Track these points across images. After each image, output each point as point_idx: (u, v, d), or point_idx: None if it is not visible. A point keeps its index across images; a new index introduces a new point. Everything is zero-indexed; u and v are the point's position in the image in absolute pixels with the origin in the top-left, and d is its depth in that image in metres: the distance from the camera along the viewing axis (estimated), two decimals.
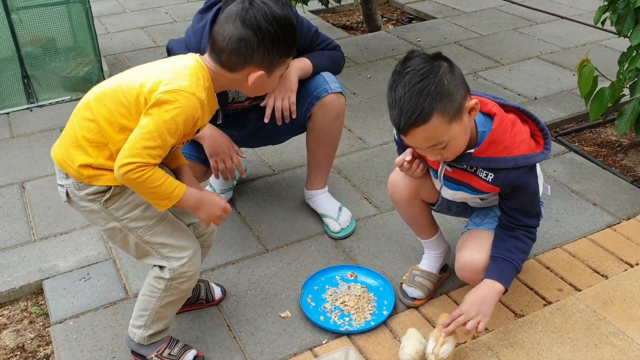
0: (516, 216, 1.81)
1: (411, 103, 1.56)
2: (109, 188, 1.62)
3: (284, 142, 2.57)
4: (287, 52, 1.64)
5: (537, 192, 1.82)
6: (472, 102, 1.63)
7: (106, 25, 4.72)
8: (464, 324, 1.72)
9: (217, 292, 2.09)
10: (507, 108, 1.80)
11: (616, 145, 3.03)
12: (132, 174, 1.49)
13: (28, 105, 3.46)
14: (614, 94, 2.60)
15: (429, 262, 2.12)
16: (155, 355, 1.82)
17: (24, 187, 2.76)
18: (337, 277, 2.18)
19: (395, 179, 1.99)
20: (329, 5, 4.42)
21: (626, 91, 2.64)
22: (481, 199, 1.91)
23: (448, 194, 1.91)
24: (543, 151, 1.76)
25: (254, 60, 1.58)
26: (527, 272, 2.18)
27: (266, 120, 2.16)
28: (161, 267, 1.71)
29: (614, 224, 2.42)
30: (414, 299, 2.06)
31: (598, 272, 2.18)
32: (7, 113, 3.42)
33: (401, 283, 2.11)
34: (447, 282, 2.16)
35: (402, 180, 1.96)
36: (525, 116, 1.81)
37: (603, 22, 2.65)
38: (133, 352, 1.87)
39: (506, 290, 1.79)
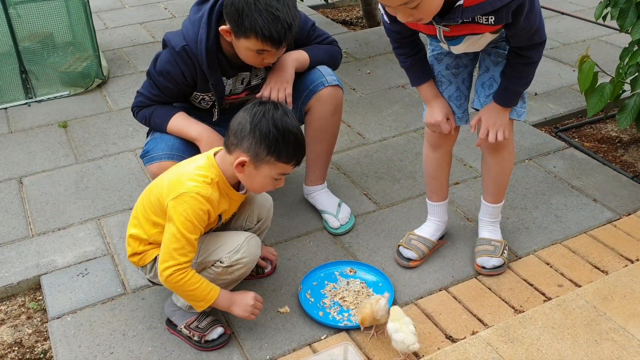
0: (521, 39, 1.76)
1: None
2: (155, 259, 1.86)
3: None
4: (276, 153, 1.74)
5: (538, 10, 1.73)
6: None
7: (105, 21, 4.70)
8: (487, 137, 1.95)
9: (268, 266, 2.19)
10: None
11: (616, 141, 3.02)
12: (172, 278, 1.73)
13: (26, 101, 3.45)
14: (614, 89, 2.59)
15: (428, 230, 2.23)
16: (184, 327, 1.92)
17: (21, 183, 2.75)
18: (336, 272, 2.17)
19: (427, 151, 2.18)
20: (329, 1, 4.40)
21: (627, 87, 2.62)
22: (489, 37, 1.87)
23: (459, 49, 1.89)
24: None
25: (242, 145, 1.75)
26: (527, 267, 2.18)
27: None
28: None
29: (614, 220, 2.41)
30: (408, 259, 2.16)
31: (598, 268, 2.17)
32: (5, 108, 3.40)
33: (398, 246, 2.21)
34: (446, 277, 2.15)
35: (434, 151, 2.15)
36: None
37: (604, 17, 2.63)
38: (167, 321, 1.98)
39: (508, 108, 1.94)
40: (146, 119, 2.15)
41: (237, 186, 1.88)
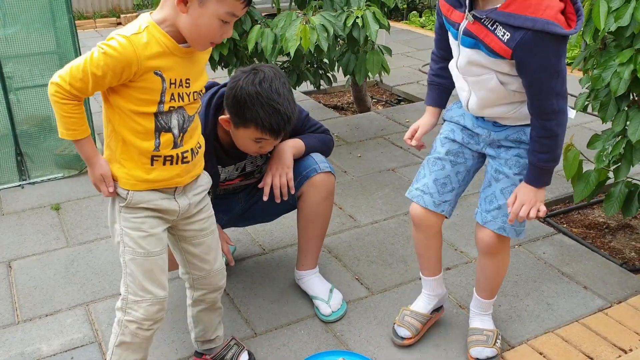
0: (533, 100, 1.78)
1: None
2: (127, 193, 1.71)
3: (273, 220, 2.59)
4: None
5: (560, 73, 1.73)
6: None
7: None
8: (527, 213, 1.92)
9: (244, 357, 2.09)
10: None
11: (604, 226, 3.06)
12: (54, 97, 1.60)
13: (20, 182, 3.47)
14: (599, 177, 2.66)
15: (421, 303, 2.23)
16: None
17: (10, 266, 2.72)
18: None
19: (420, 213, 2.09)
20: (321, 87, 4.54)
21: (611, 174, 2.69)
22: (501, 82, 1.83)
23: (464, 55, 1.84)
24: (570, 26, 1.67)
25: None
26: (520, 357, 2.15)
27: (265, 198, 2.20)
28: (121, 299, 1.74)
29: (606, 308, 2.41)
30: (402, 337, 2.17)
31: (592, 359, 2.15)
32: None
33: (394, 324, 2.22)
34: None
35: (427, 215, 2.08)
36: None
37: (585, 109, 2.74)
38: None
39: (541, 187, 1.96)
40: None
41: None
